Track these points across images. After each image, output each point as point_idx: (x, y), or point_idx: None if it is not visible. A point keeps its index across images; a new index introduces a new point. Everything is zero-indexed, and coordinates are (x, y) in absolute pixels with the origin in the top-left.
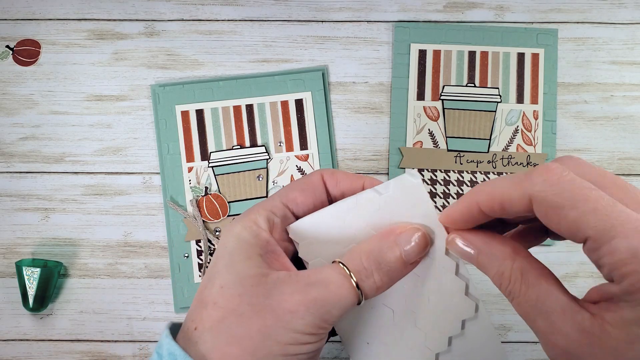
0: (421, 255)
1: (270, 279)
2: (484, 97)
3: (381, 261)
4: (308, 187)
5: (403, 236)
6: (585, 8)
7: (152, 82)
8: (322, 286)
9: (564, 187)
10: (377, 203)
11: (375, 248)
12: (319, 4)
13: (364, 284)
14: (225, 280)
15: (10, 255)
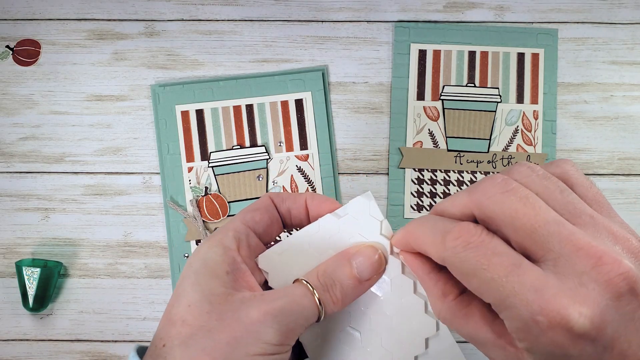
0: (375, 272)
1: (237, 296)
2: (484, 97)
3: (335, 278)
4: (260, 206)
5: (356, 254)
6: (585, 8)
7: (152, 82)
8: (287, 297)
9: (467, 256)
10: (337, 226)
11: (330, 267)
12: (319, 4)
13: (323, 297)
14: (192, 299)
15: (10, 255)
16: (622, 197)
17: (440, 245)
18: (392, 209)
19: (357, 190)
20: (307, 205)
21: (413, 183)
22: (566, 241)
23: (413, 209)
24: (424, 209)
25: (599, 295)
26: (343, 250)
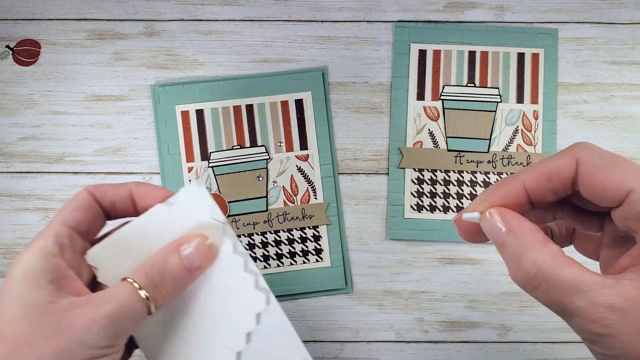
0: (205, 259)
1: (61, 304)
2: (484, 97)
3: (164, 271)
4: (79, 203)
5: (184, 244)
6: (585, 8)
7: (152, 82)
8: (114, 301)
9: (605, 153)
10: (168, 215)
11: (158, 260)
12: (319, 4)
13: (152, 294)
14: (12, 313)
15: (10, 255)
16: None
17: (572, 149)
18: (392, 209)
19: (357, 190)
20: (132, 196)
21: (413, 183)
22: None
23: (413, 209)
24: (423, 209)
25: None
26: (171, 242)
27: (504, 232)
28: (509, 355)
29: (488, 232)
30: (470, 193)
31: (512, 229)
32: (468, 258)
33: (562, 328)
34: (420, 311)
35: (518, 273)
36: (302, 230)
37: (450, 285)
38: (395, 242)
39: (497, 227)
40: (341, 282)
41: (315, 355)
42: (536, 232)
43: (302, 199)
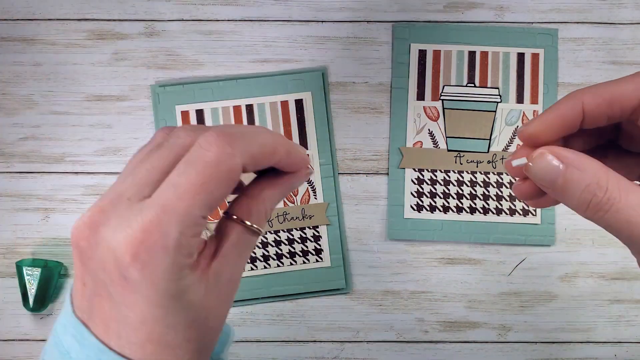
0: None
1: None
2: (484, 97)
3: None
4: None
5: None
6: (585, 8)
7: (152, 82)
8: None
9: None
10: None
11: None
12: (319, 4)
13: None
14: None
15: (10, 255)
16: None
17: (636, 77)
18: (392, 209)
19: (357, 190)
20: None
21: (413, 183)
22: None
23: (413, 209)
24: (423, 209)
25: None
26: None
27: (563, 169)
28: (509, 355)
29: (541, 175)
30: (470, 193)
31: (571, 164)
32: (468, 258)
33: (562, 328)
34: (420, 311)
35: (586, 204)
36: (302, 230)
37: (450, 285)
38: (395, 242)
39: (553, 166)
40: (341, 282)
41: (316, 355)
42: (595, 161)
43: (302, 199)
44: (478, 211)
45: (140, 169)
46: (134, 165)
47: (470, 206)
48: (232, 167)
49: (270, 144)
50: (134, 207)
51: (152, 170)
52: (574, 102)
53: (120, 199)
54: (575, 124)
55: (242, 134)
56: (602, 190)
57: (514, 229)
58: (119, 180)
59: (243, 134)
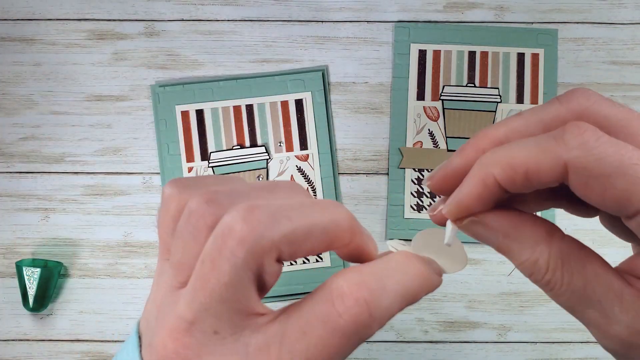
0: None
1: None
2: (483, 97)
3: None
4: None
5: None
6: (585, 8)
7: (152, 82)
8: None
9: (605, 151)
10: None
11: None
12: (319, 4)
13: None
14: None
15: (10, 255)
16: None
17: (559, 147)
18: (392, 209)
19: (357, 190)
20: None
21: (413, 183)
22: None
23: (413, 209)
24: (423, 209)
25: None
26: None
27: (497, 239)
28: (509, 355)
29: (477, 239)
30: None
31: (505, 234)
32: (468, 258)
33: (562, 328)
34: (420, 311)
35: (528, 276)
36: None
37: (450, 285)
38: None
39: (486, 236)
40: None
41: None
42: (536, 227)
43: None
44: None
45: (207, 290)
46: (179, 264)
47: None
48: (368, 337)
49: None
50: (233, 349)
51: (226, 298)
52: (484, 178)
53: (203, 332)
54: (497, 196)
55: (386, 276)
56: (541, 271)
57: None
58: (171, 275)
59: (387, 276)
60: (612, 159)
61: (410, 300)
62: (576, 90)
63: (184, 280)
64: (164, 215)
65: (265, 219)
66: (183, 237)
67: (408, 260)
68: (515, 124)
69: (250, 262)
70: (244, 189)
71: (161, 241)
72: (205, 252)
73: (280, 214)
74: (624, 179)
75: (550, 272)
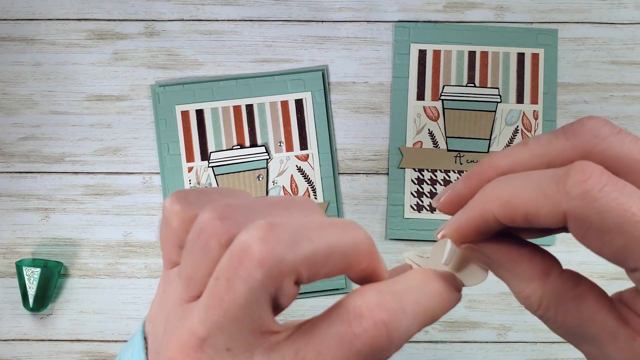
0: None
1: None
2: (484, 97)
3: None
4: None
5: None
6: (585, 8)
7: (152, 82)
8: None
9: (608, 204)
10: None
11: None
12: (319, 4)
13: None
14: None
15: (10, 255)
16: None
17: (559, 194)
18: (392, 209)
19: (357, 190)
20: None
21: (413, 183)
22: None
23: (413, 209)
24: (423, 209)
25: None
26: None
27: (493, 267)
28: (509, 355)
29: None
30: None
31: (500, 266)
32: None
33: None
34: None
35: (522, 304)
36: None
37: None
38: (395, 242)
39: (484, 262)
40: (341, 282)
41: None
42: (532, 263)
43: None
44: None
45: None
46: (190, 279)
47: None
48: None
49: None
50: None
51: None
52: (482, 214)
53: (215, 348)
54: (494, 229)
55: (405, 296)
56: (533, 307)
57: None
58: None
59: (406, 296)
60: (613, 214)
61: (429, 322)
62: (585, 123)
63: (194, 295)
64: (165, 232)
65: (285, 240)
66: (194, 254)
67: (427, 280)
68: (520, 156)
69: (267, 285)
70: (257, 204)
71: (164, 255)
72: (221, 270)
73: (301, 235)
74: (623, 237)
75: (543, 309)
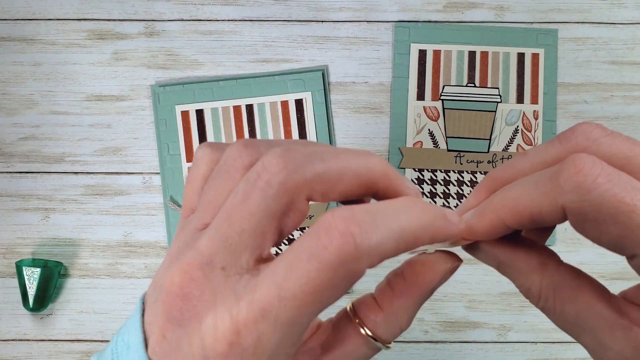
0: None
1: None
2: (484, 97)
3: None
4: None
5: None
6: (585, 8)
7: (152, 82)
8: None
9: (601, 195)
10: None
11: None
12: (319, 4)
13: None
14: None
15: (10, 255)
16: None
17: (556, 190)
18: None
19: None
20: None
21: (413, 183)
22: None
23: None
24: None
25: None
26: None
27: (495, 266)
28: (509, 355)
29: (480, 260)
30: (470, 193)
31: (500, 263)
32: (468, 258)
33: None
34: (420, 311)
35: (525, 297)
36: (302, 230)
37: (450, 285)
38: None
39: (484, 260)
40: None
41: None
42: (529, 256)
43: None
44: None
45: (231, 221)
46: (208, 203)
47: None
48: (357, 273)
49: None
50: (230, 287)
51: (247, 230)
52: (493, 219)
53: (212, 267)
54: (505, 232)
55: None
56: (535, 298)
57: None
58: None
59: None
60: (608, 204)
61: (408, 240)
62: (577, 128)
63: (209, 221)
64: (193, 173)
65: (299, 158)
66: (217, 179)
67: (411, 201)
68: (520, 166)
69: (281, 195)
70: (279, 140)
71: (186, 199)
72: (238, 186)
73: (314, 156)
74: (618, 226)
75: (543, 300)
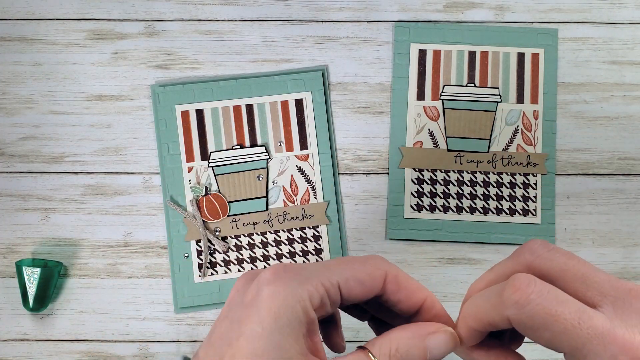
0: (444, 356)
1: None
2: (484, 97)
3: (406, 356)
4: (368, 281)
5: (436, 334)
6: (585, 8)
7: (152, 82)
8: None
9: (534, 309)
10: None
11: (404, 345)
12: (319, 4)
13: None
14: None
15: (10, 255)
16: (622, 197)
17: (501, 305)
18: (392, 209)
19: (357, 190)
20: (421, 308)
21: (413, 183)
22: (617, 284)
23: (413, 209)
24: (423, 209)
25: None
26: (419, 324)
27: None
28: None
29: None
30: (470, 193)
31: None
32: (468, 258)
33: None
34: None
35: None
36: (302, 230)
37: (450, 285)
38: (395, 242)
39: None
40: None
41: None
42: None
43: (302, 199)
44: (478, 211)
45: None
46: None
47: (471, 206)
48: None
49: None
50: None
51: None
52: (467, 328)
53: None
54: (482, 335)
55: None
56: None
57: (514, 228)
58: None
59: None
60: (539, 316)
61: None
62: (526, 245)
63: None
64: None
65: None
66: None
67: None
68: (489, 278)
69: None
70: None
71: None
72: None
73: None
74: (548, 332)
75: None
